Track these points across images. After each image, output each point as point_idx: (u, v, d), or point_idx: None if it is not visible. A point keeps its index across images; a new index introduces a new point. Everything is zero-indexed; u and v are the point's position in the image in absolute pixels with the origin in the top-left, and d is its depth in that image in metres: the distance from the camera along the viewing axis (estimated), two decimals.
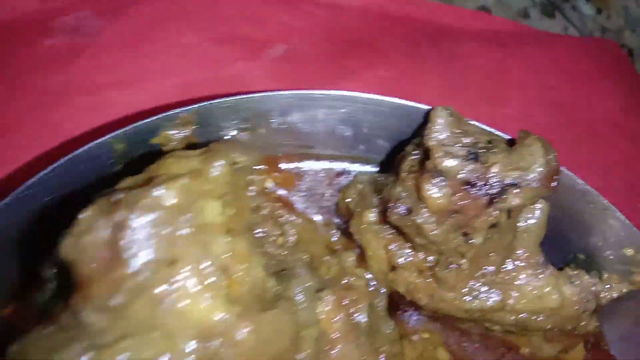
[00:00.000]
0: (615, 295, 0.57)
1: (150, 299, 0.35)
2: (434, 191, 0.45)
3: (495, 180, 0.45)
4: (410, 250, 0.54)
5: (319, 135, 0.60)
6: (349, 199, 0.61)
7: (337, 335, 0.47)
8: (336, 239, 0.63)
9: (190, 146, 0.53)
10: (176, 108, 0.52)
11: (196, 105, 0.52)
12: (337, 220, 0.63)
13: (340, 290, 0.53)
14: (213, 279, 0.37)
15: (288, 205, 0.64)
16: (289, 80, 0.77)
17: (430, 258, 0.53)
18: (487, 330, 0.60)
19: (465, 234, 0.48)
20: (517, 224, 0.53)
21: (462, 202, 0.45)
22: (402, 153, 0.55)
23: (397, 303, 0.62)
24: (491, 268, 0.53)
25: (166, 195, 0.38)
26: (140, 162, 0.45)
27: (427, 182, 0.45)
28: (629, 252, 0.55)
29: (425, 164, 0.46)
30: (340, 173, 0.63)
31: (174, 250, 0.37)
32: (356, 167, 0.63)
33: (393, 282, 0.57)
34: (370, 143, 0.60)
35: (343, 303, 0.52)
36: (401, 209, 0.48)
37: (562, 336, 0.59)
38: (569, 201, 0.55)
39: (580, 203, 0.54)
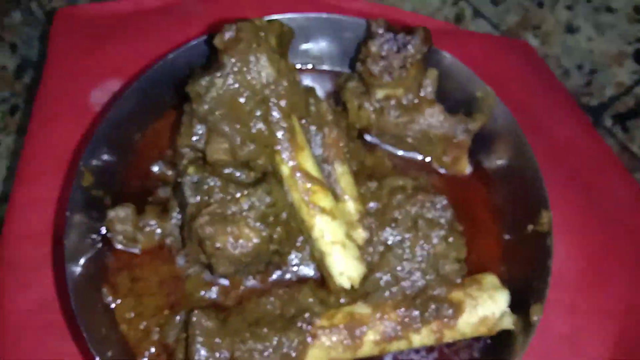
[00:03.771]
0: (477, 126, 1.07)
1: None
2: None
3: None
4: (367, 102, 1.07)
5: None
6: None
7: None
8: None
9: None
10: None
11: None
12: None
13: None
14: None
15: None
16: None
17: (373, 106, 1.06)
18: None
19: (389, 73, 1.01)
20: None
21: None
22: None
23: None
24: (409, 97, 1.05)
25: None
26: None
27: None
28: (479, 94, 1.06)
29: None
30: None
31: None
32: None
33: (359, 118, 1.09)
34: None
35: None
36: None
37: (451, 147, 1.09)
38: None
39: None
